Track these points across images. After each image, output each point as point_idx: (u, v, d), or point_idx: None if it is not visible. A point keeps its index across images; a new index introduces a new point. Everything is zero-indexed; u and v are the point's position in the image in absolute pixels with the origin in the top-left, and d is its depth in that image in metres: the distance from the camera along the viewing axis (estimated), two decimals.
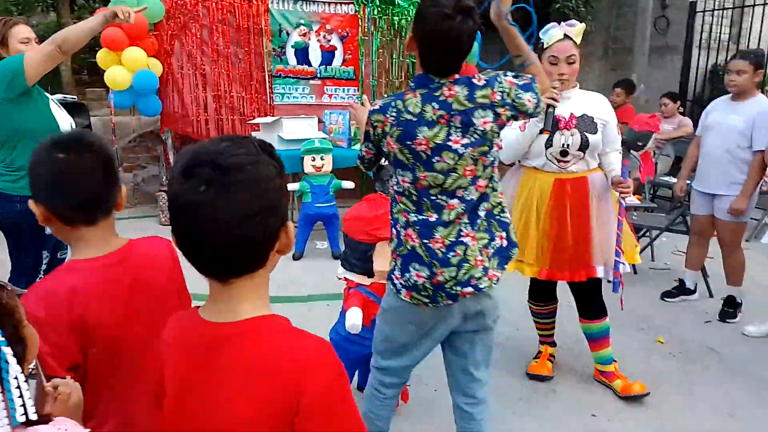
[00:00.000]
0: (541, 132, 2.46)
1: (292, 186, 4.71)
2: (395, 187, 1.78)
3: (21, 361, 0.88)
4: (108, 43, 5.02)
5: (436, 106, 1.63)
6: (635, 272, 4.27)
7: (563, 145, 2.53)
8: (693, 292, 3.87)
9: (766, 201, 5.10)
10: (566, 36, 2.51)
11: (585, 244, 2.56)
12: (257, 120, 5.27)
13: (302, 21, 5.88)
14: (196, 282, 1.09)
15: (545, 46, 2.54)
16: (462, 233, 1.70)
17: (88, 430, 0.91)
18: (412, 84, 1.71)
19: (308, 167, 4.61)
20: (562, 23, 2.57)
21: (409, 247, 1.72)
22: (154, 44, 5.30)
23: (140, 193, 6.23)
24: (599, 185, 2.62)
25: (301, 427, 0.84)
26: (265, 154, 0.87)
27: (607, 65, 8.94)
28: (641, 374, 2.84)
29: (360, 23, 6.08)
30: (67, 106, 5.00)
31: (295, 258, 4.57)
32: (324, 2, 5.95)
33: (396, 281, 1.77)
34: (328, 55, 6.06)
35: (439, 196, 1.69)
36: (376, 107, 1.72)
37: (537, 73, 1.85)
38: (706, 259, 3.88)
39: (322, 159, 4.63)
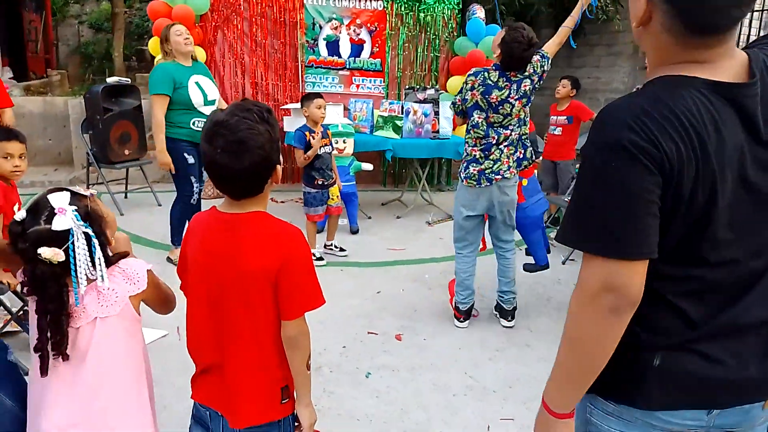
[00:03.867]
0: None
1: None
2: (470, 123, 3.11)
3: (104, 245, 1.37)
4: (159, 32, 5.58)
5: (504, 79, 3.01)
6: None
7: None
8: None
9: None
10: None
11: None
12: (289, 105, 5.77)
13: (334, 15, 6.36)
14: None
15: None
16: (503, 147, 3.10)
17: (151, 265, 1.43)
18: (493, 67, 3.04)
19: None
20: None
21: (472, 156, 3.15)
22: (200, 34, 5.85)
23: None
24: None
25: (281, 277, 1.32)
26: (263, 122, 1.33)
27: (636, 63, 9.12)
28: None
29: (388, 18, 6.52)
30: (121, 88, 5.63)
31: (318, 231, 5.03)
32: None
33: (462, 175, 3.20)
34: (357, 47, 6.52)
35: (498, 128, 3.08)
36: (472, 72, 3.09)
37: (562, 34, 3.21)
38: None
39: (344, 142, 5.08)
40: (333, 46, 6.44)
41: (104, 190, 5.54)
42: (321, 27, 6.35)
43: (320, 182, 4.25)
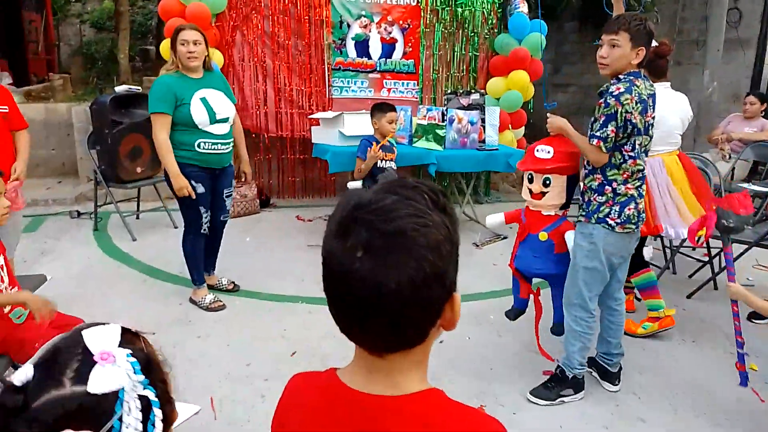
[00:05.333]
0: None
1: (353, 184, 4.59)
2: (630, 152, 2.43)
3: (168, 421, 0.79)
4: (171, 33, 5.00)
5: (647, 93, 2.45)
6: (716, 287, 4.02)
7: None
8: None
9: None
10: None
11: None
12: (318, 115, 5.17)
13: (363, 12, 5.76)
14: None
15: None
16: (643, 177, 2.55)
17: None
18: (632, 77, 2.41)
19: None
20: None
21: (628, 195, 2.48)
22: (216, 35, 5.26)
23: None
24: None
25: None
26: (437, 209, 0.74)
27: (671, 58, 8.51)
28: (733, 402, 2.65)
29: (422, 15, 5.93)
30: (131, 97, 5.04)
31: None
32: None
33: (611, 222, 2.49)
34: (388, 47, 5.92)
35: (643, 155, 2.51)
36: (622, 89, 2.37)
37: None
38: None
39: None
40: (362, 46, 5.84)
41: (113, 210, 4.98)
42: (349, 25, 5.75)
43: None
